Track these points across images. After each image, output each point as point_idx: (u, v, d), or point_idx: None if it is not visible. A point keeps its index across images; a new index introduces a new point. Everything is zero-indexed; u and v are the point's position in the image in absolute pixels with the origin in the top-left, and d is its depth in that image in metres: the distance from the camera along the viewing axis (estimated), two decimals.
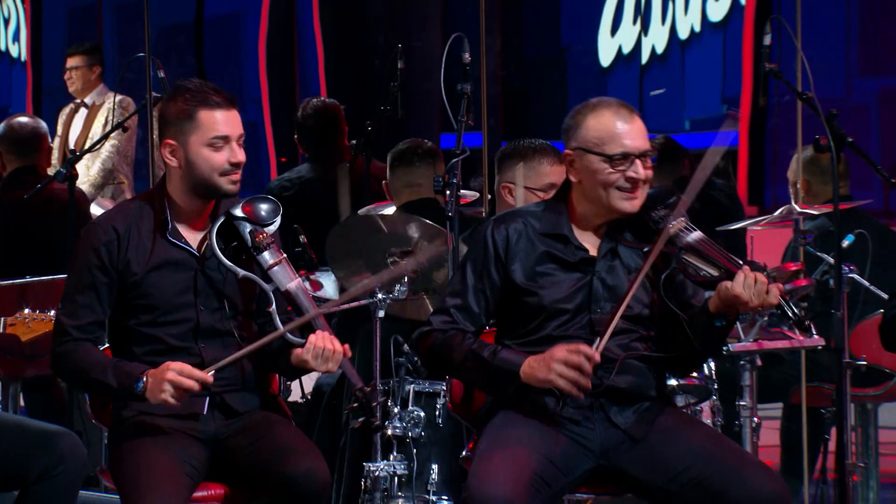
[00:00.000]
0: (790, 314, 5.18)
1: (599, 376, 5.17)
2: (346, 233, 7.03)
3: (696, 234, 5.21)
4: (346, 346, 5.32)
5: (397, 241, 6.44)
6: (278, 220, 5.53)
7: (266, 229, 5.47)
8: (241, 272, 5.43)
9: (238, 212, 5.47)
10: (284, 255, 5.49)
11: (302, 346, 5.32)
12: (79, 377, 5.37)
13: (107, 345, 5.64)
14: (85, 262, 5.53)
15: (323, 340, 5.25)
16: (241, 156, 5.50)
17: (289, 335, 5.34)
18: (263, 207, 5.52)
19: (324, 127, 8.94)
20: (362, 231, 6.94)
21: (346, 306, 5.74)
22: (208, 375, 5.27)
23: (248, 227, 5.46)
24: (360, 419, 5.76)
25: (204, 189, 5.49)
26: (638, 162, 5.24)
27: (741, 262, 5.10)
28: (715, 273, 5.10)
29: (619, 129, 5.26)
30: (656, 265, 5.21)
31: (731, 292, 5.02)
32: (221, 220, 5.47)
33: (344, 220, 7.43)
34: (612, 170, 5.24)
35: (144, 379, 5.26)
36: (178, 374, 5.20)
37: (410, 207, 7.17)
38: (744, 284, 4.98)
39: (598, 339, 5.09)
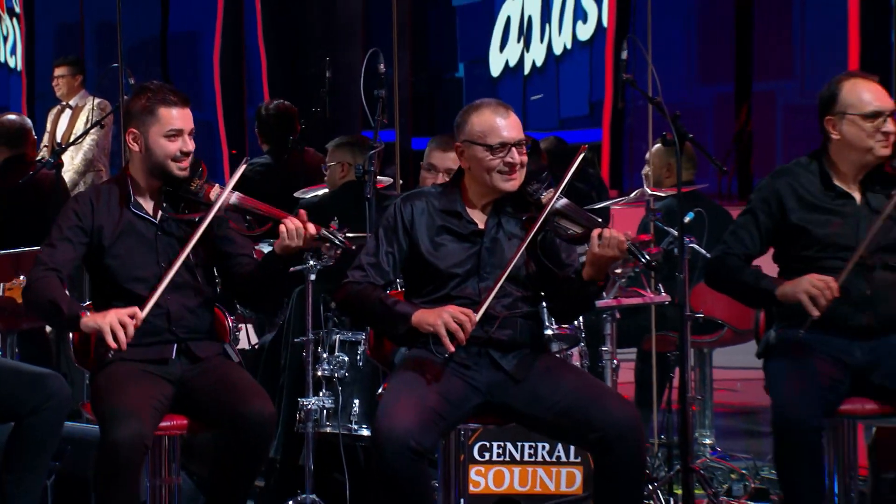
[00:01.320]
0: (642, 259, 5.13)
1: (486, 330, 5.17)
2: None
3: (563, 201, 5.19)
4: (312, 225, 5.27)
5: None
6: (200, 169, 5.48)
7: (195, 182, 5.45)
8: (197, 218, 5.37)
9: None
10: (220, 188, 5.43)
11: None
12: (41, 298, 5.28)
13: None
14: (66, 220, 5.50)
15: (292, 222, 5.22)
16: (190, 146, 5.45)
17: (264, 244, 5.38)
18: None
19: (281, 122, 8.90)
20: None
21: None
22: (140, 312, 5.17)
23: (189, 187, 5.45)
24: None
25: (159, 171, 5.46)
26: (514, 150, 5.22)
27: (599, 220, 5.12)
28: (580, 230, 5.09)
29: (498, 123, 5.25)
30: (541, 233, 5.19)
31: (592, 253, 5.04)
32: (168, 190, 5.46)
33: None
34: (492, 157, 5.23)
35: (87, 313, 5.25)
36: (119, 313, 5.17)
37: (347, 186, 7.16)
38: (599, 243, 5.00)
39: (480, 304, 5.10)
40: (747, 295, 5.61)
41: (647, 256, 5.17)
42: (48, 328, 7.79)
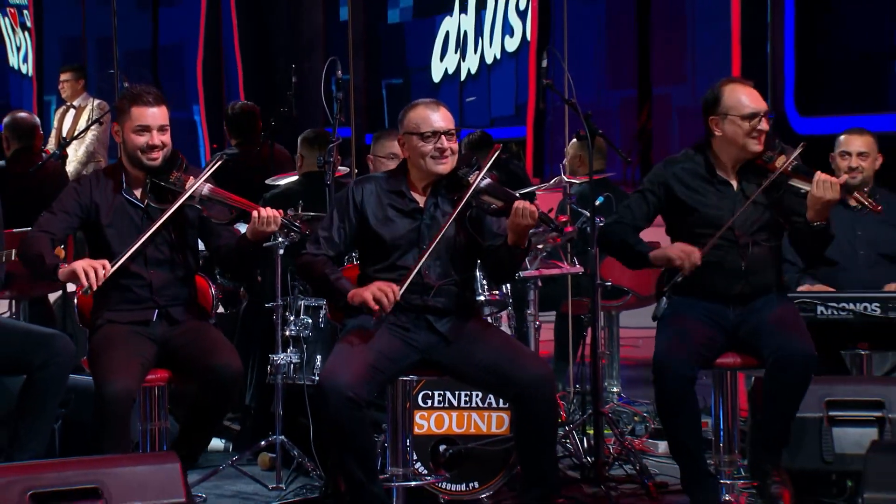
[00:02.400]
0: (550, 225, 5.23)
1: (423, 298, 5.20)
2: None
3: (487, 181, 5.19)
4: (280, 210, 5.29)
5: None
6: (179, 160, 5.45)
7: (176, 172, 5.41)
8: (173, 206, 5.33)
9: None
10: (194, 180, 5.37)
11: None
12: (31, 252, 5.28)
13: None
14: (67, 196, 5.51)
15: (264, 211, 5.22)
16: (156, 140, 5.41)
17: (241, 225, 5.41)
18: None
19: (245, 120, 8.84)
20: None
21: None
22: (107, 265, 5.16)
23: (169, 178, 5.41)
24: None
25: (134, 160, 5.45)
26: (443, 137, 5.22)
27: (517, 195, 5.12)
28: (501, 204, 5.09)
29: (429, 116, 5.26)
30: (464, 209, 5.19)
31: (511, 221, 5.04)
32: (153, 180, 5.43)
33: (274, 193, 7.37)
34: (425, 143, 5.23)
35: (63, 266, 5.21)
36: (90, 261, 5.17)
37: (310, 178, 7.13)
38: (518, 214, 5.00)
39: (404, 278, 5.10)
40: (627, 255, 5.65)
41: (554, 223, 5.29)
42: (51, 297, 7.71)
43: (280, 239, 6.02)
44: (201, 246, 5.67)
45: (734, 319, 5.47)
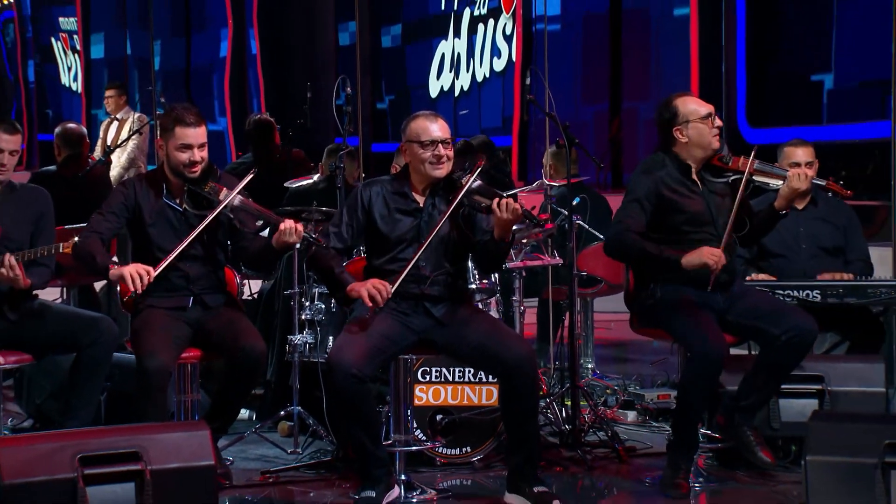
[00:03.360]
0: (532, 220, 5.27)
1: (420, 287, 5.18)
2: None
3: (477, 182, 5.16)
4: (301, 224, 5.25)
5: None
6: (214, 171, 5.45)
7: (211, 182, 5.38)
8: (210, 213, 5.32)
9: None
10: (230, 192, 5.36)
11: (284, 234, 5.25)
12: (84, 251, 5.26)
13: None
14: (115, 198, 5.50)
15: (288, 224, 5.18)
16: (197, 157, 5.39)
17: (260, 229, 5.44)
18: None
19: (261, 131, 8.83)
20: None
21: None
22: (151, 272, 5.16)
23: (204, 187, 5.38)
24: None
25: (175, 172, 5.42)
26: (440, 145, 5.19)
27: (503, 194, 5.08)
28: (489, 202, 5.05)
29: (428, 126, 5.22)
30: (457, 208, 5.16)
31: (496, 217, 5.02)
32: (190, 188, 5.40)
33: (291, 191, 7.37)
34: (424, 151, 5.21)
35: (115, 266, 5.24)
36: (138, 267, 5.17)
37: (325, 182, 7.12)
38: (500, 210, 4.98)
39: (398, 275, 5.09)
40: (650, 261, 5.40)
41: (535, 218, 5.30)
42: (97, 285, 7.70)
43: (299, 247, 5.99)
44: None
45: (723, 304, 5.43)
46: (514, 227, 5.35)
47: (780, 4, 10.92)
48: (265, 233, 5.70)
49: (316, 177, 7.57)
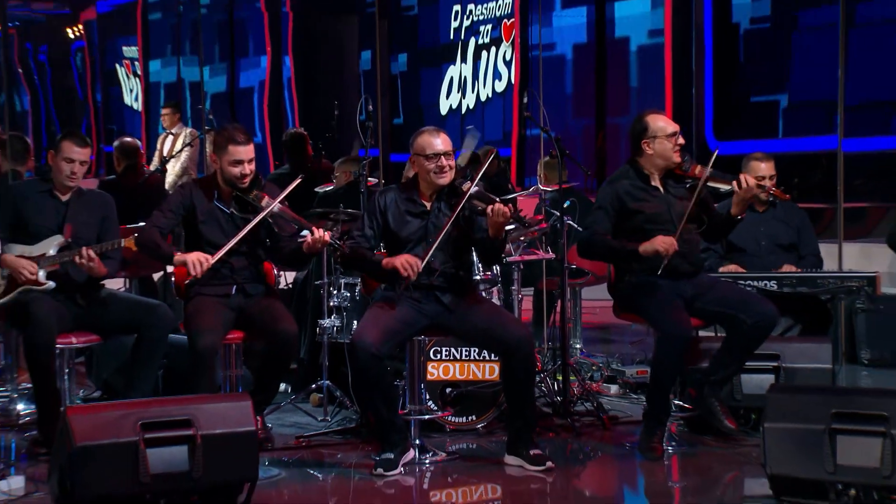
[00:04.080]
0: (521, 222, 5.36)
1: (430, 279, 5.17)
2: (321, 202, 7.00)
3: (476, 188, 5.16)
4: (328, 232, 5.28)
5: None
6: (259, 181, 5.47)
7: (256, 191, 5.40)
8: (254, 217, 5.35)
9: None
10: (271, 199, 5.39)
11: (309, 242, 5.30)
12: (148, 241, 5.32)
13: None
14: (174, 198, 5.53)
15: (318, 232, 5.21)
16: (247, 170, 5.41)
17: (304, 234, 5.39)
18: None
19: (296, 144, 8.83)
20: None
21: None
22: (209, 259, 5.23)
23: (249, 195, 5.40)
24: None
25: (227, 182, 5.43)
26: (442, 158, 5.19)
27: (497, 199, 5.08)
28: (486, 206, 5.05)
29: (432, 141, 5.21)
30: (461, 212, 5.16)
31: (491, 219, 5.02)
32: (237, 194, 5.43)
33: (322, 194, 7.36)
34: (428, 162, 5.20)
35: (178, 254, 5.29)
36: (199, 254, 5.24)
37: (350, 187, 7.13)
38: (495, 213, 4.98)
39: (424, 254, 5.09)
40: (616, 255, 5.51)
41: (523, 220, 5.40)
42: (155, 276, 7.71)
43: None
44: None
45: (691, 292, 5.43)
46: (508, 228, 5.38)
47: (742, 36, 10.93)
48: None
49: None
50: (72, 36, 21.37)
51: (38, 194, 5.65)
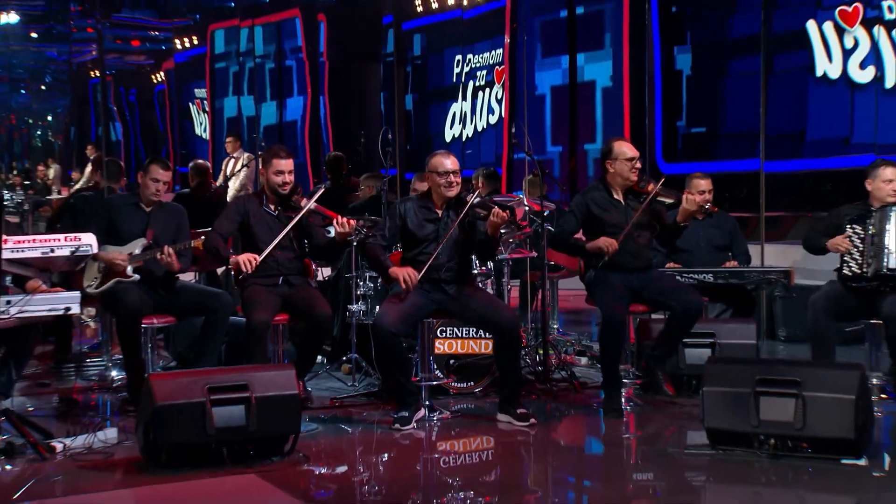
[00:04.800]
0: (514, 225, 5.38)
1: (438, 273, 5.14)
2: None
3: (478, 198, 5.14)
4: (354, 220, 5.25)
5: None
6: (297, 188, 5.49)
7: (295, 196, 5.40)
8: (295, 216, 5.36)
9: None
10: (307, 200, 5.39)
11: (331, 233, 5.31)
12: (211, 246, 5.32)
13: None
14: (232, 207, 5.53)
15: (344, 219, 5.18)
16: (288, 179, 5.40)
17: (329, 230, 5.35)
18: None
19: (336, 163, 8.81)
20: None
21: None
22: (257, 258, 5.21)
23: (290, 200, 5.40)
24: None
25: (272, 190, 5.42)
26: (450, 175, 5.16)
27: (493, 205, 5.06)
28: (485, 213, 5.04)
29: (443, 161, 5.19)
30: (465, 218, 5.14)
31: (490, 221, 5.01)
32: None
33: (352, 206, 7.33)
34: (440, 178, 5.17)
35: (233, 256, 5.27)
36: (248, 255, 5.21)
37: (373, 199, 7.11)
38: (495, 215, 4.97)
39: (423, 265, 5.04)
40: (573, 248, 5.56)
41: (516, 223, 5.45)
42: (219, 270, 7.70)
43: (353, 240, 5.98)
44: None
45: (638, 284, 5.42)
46: (503, 230, 5.35)
47: (685, 81, 10.93)
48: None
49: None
50: (155, 81, 21.41)
51: (127, 206, 5.67)
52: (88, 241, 4.60)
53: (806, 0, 9.32)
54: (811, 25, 9.23)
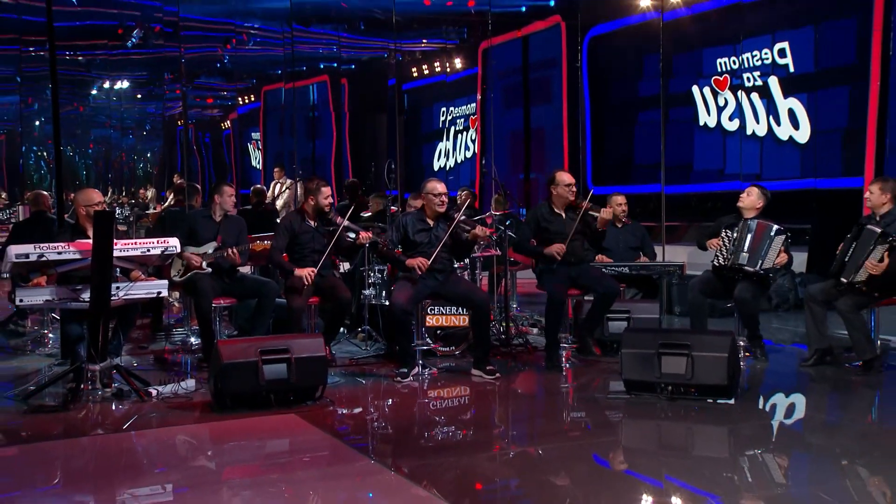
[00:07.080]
0: (492, 238, 5.42)
1: (434, 267, 5.11)
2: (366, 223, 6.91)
3: (463, 217, 5.13)
4: (370, 233, 5.21)
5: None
6: (334, 208, 5.46)
7: (331, 214, 5.36)
8: (331, 228, 5.31)
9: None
10: (341, 219, 5.35)
11: (357, 239, 5.26)
12: (276, 263, 5.28)
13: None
14: (282, 226, 5.45)
15: (364, 232, 5.18)
16: (328, 201, 5.38)
17: (350, 235, 5.29)
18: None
19: (353, 188, 8.74)
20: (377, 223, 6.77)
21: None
22: (313, 271, 5.17)
23: (328, 216, 5.35)
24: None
25: (316, 210, 5.39)
26: (443, 196, 5.15)
27: (477, 223, 5.07)
28: (469, 228, 5.05)
29: (436, 186, 5.17)
30: (453, 230, 5.12)
31: (471, 233, 5.02)
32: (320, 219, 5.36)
33: (366, 218, 7.26)
34: (434, 198, 5.15)
35: (297, 270, 5.20)
36: (309, 270, 5.15)
37: (380, 213, 7.05)
38: (477, 235, 4.99)
39: (431, 254, 5.03)
40: (531, 252, 5.55)
41: (490, 235, 5.34)
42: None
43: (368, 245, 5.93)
44: None
45: (574, 274, 5.43)
46: (479, 240, 5.35)
47: (606, 126, 10.97)
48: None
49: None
50: (223, 128, 21.24)
51: (202, 218, 5.64)
52: (174, 243, 4.68)
53: (691, 71, 9.63)
54: (695, 89, 9.55)
